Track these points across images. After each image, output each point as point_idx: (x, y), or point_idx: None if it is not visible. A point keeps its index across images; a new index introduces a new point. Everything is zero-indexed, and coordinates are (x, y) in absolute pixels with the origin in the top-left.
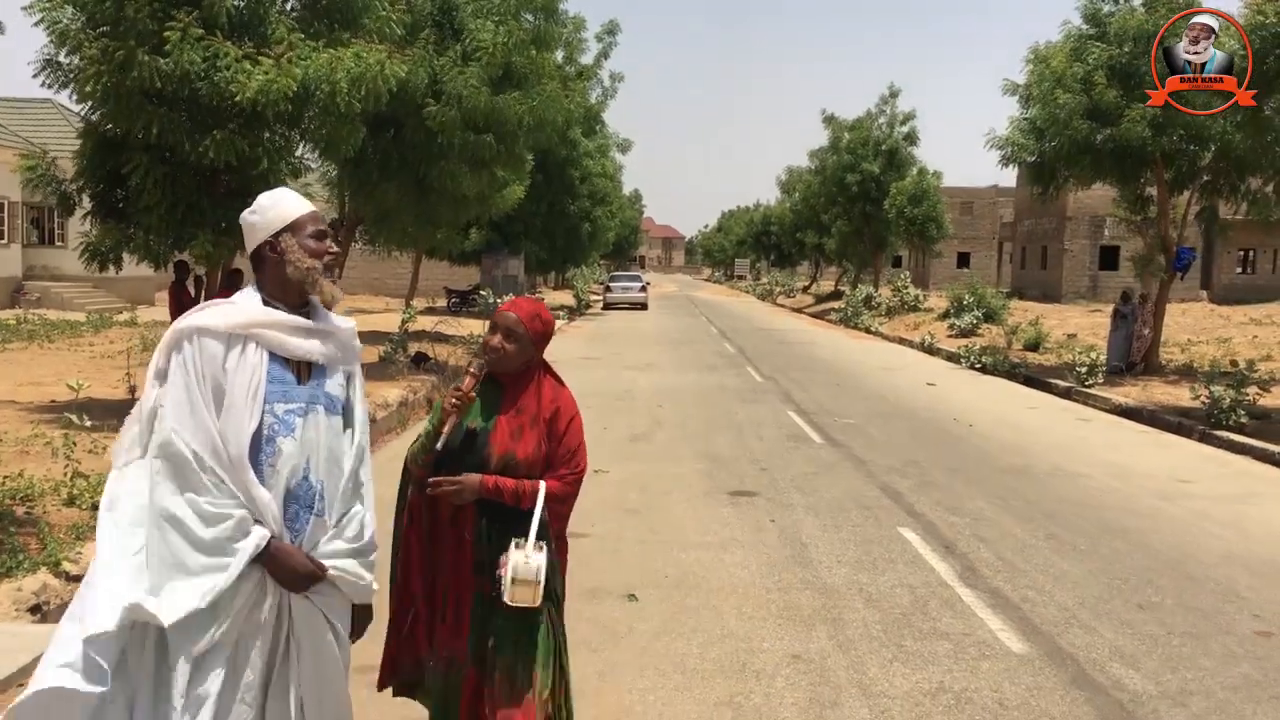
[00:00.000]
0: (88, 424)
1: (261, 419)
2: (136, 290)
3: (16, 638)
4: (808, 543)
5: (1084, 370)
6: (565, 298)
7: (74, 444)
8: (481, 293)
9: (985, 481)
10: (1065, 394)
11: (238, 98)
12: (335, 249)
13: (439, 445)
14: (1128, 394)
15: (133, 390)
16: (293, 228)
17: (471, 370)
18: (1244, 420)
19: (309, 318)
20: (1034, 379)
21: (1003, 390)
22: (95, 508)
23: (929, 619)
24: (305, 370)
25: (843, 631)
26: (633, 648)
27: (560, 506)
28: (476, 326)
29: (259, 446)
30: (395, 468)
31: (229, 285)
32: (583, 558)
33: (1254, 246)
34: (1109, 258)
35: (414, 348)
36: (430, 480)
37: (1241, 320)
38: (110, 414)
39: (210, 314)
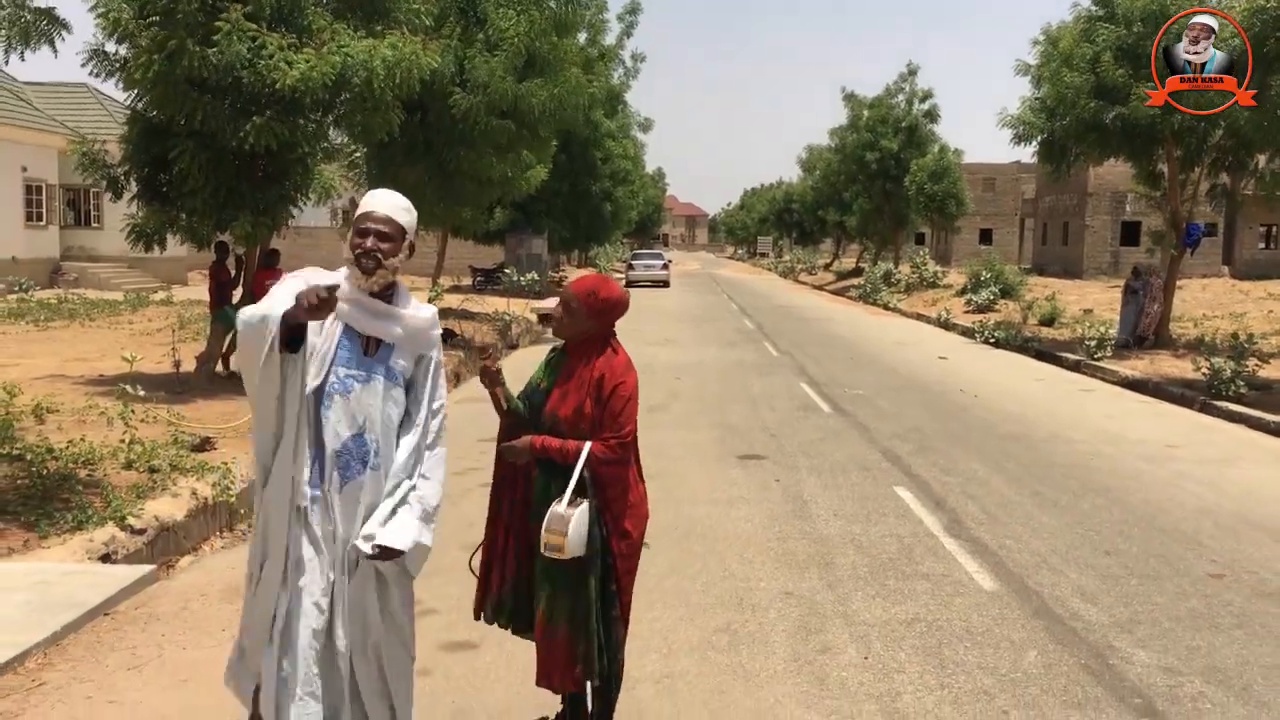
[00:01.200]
0: (141, 394)
1: (326, 377)
2: (171, 270)
3: (97, 575)
4: (808, 500)
5: (1093, 344)
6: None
7: (132, 412)
8: (506, 271)
9: (982, 447)
10: (1074, 367)
11: (278, 85)
12: (367, 244)
13: (504, 410)
14: (1134, 367)
15: (178, 365)
16: (356, 221)
17: (485, 348)
18: (1243, 391)
19: (390, 303)
20: (1045, 353)
21: (1013, 364)
22: (152, 470)
23: (912, 563)
24: (374, 345)
25: (832, 573)
26: (642, 587)
27: (605, 468)
28: (501, 304)
29: (321, 400)
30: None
31: (267, 264)
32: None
33: (1276, 222)
34: (1130, 234)
35: (441, 324)
36: (500, 446)
37: (1260, 295)
38: (158, 386)
39: (320, 274)
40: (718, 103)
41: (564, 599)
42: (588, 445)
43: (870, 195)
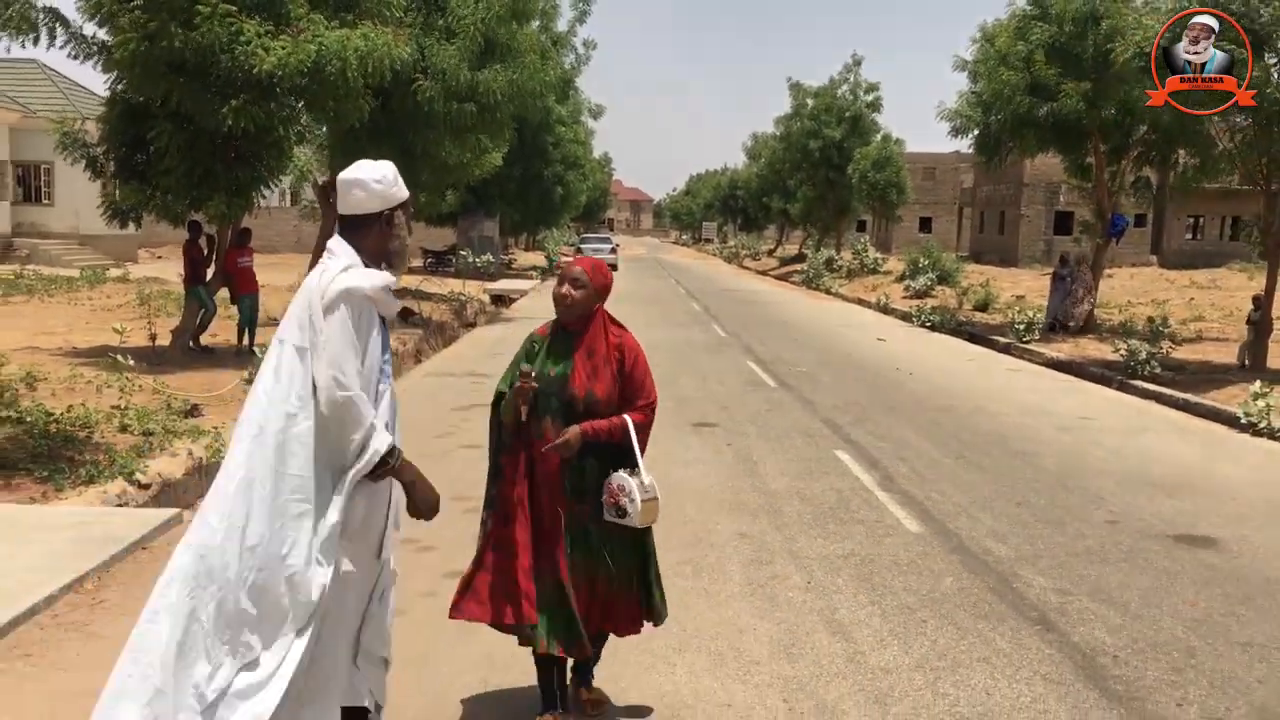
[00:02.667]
0: (131, 363)
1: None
2: (122, 248)
3: (128, 517)
4: (757, 460)
5: (1022, 328)
6: (537, 259)
7: (129, 379)
8: (462, 253)
9: (914, 417)
10: (1005, 349)
11: (255, 70)
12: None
13: (521, 418)
14: (1060, 349)
15: (154, 338)
16: (404, 206)
17: (526, 373)
18: (1158, 371)
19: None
20: (978, 336)
21: (947, 346)
22: (146, 433)
23: (849, 511)
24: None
25: (779, 519)
26: None
27: (643, 435)
28: (456, 285)
29: (371, 388)
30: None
31: (239, 243)
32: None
33: (1203, 213)
34: (1064, 223)
35: (401, 303)
36: (544, 449)
37: (1185, 284)
38: (136, 358)
39: (357, 277)
40: (664, 88)
41: (631, 559)
42: (629, 418)
43: (814, 183)
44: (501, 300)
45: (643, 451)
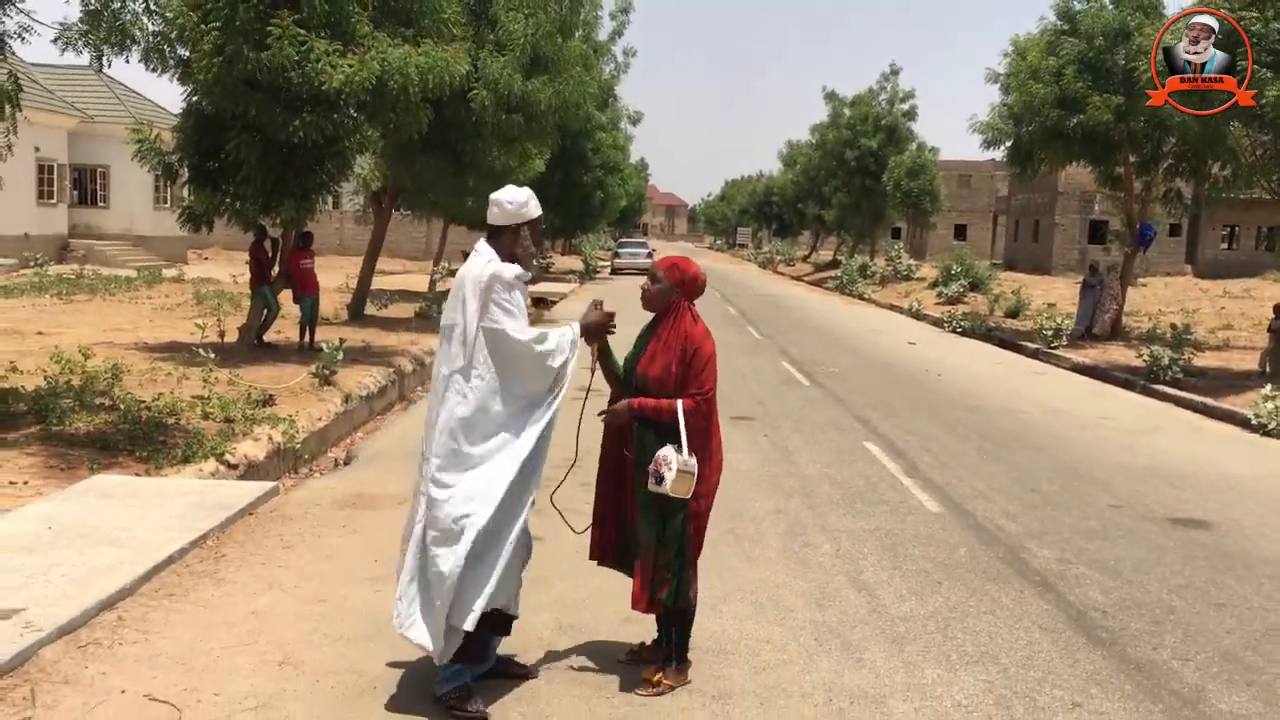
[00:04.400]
0: (212, 357)
1: None
2: (173, 249)
3: (234, 488)
4: (792, 450)
5: (1050, 334)
6: (574, 263)
7: (211, 370)
8: None
9: (941, 415)
10: (1033, 354)
11: (324, 87)
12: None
13: (615, 376)
14: (1087, 355)
15: (222, 335)
16: (532, 224)
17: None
18: (1180, 377)
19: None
20: (1007, 341)
21: (977, 350)
22: (228, 420)
23: (876, 494)
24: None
25: (812, 499)
26: None
27: (692, 420)
28: None
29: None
30: None
31: (301, 246)
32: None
33: (1237, 223)
34: (1098, 232)
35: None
36: (598, 414)
37: (1218, 294)
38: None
39: (498, 266)
40: (700, 93)
41: (664, 533)
42: (679, 402)
43: (849, 190)
44: (542, 303)
45: (699, 436)
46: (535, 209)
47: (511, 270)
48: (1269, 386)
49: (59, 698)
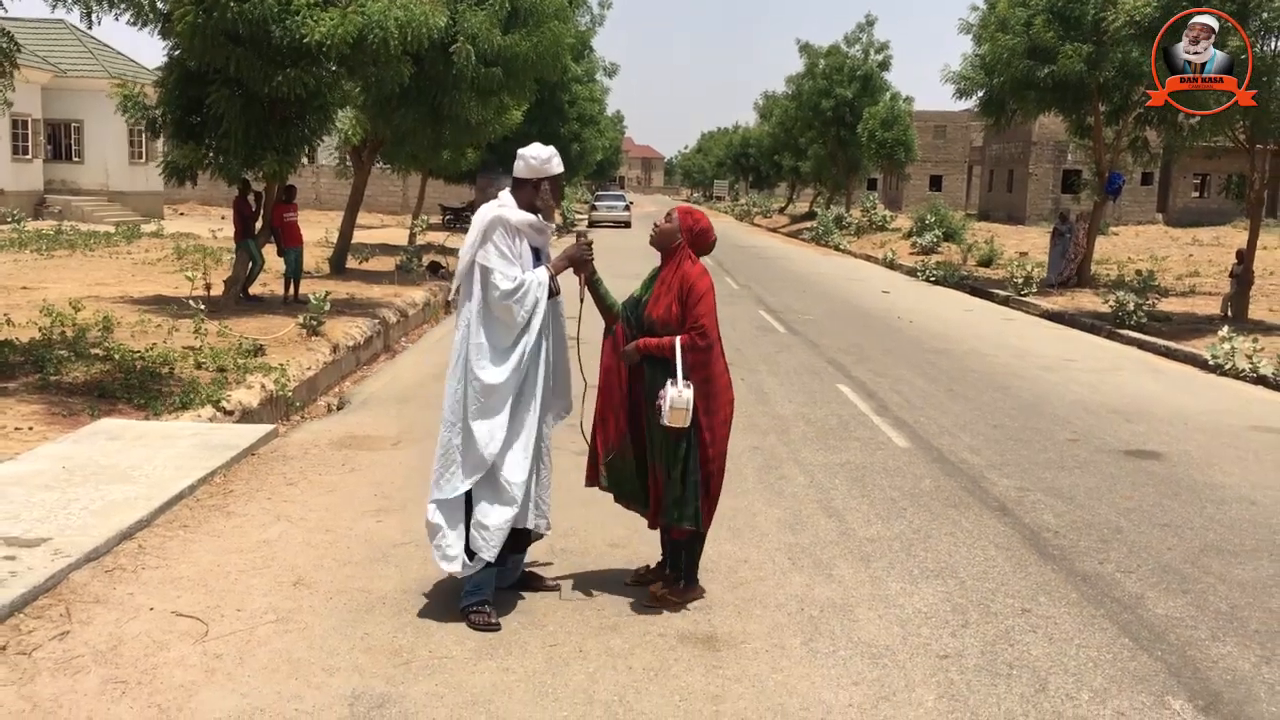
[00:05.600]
0: (203, 308)
1: None
2: (149, 204)
3: (235, 430)
4: (768, 392)
5: (1020, 281)
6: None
7: (200, 322)
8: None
9: (911, 358)
10: (1004, 301)
11: (306, 40)
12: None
13: (606, 307)
14: (1055, 301)
15: (208, 288)
16: (552, 180)
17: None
18: (1144, 321)
19: (539, 225)
20: (978, 289)
21: (949, 298)
22: (220, 370)
23: (848, 431)
24: (536, 253)
25: (787, 436)
26: None
27: (691, 355)
28: None
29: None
30: (436, 352)
31: (284, 199)
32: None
33: (1208, 172)
34: (1071, 181)
35: (427, 258)
36: (621, 352)
37: (1188, 241)
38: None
39: (507, 211)
40: (677, 45)
41: (669, 460)
42: (678, 338)
43: (825, 142)
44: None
45: (700, 369)
46: (557, 166)
47: (521, 216)
48: (1226, 328)
49: (92, 615)
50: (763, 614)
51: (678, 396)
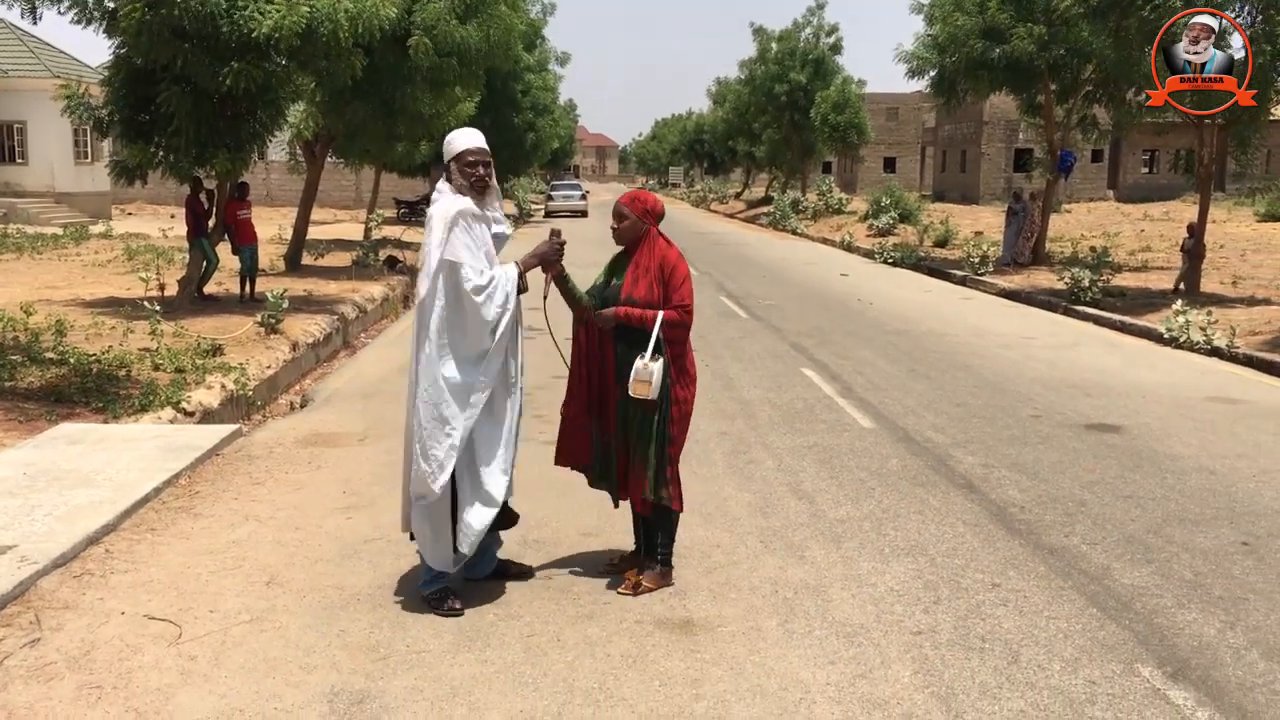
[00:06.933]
0: (158, 309)
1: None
2: (96, 205)
3: (198, 431)
4: (733, 377)
5: (976, 261)
6: (508, 207)
7: (159, 322)
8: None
9: (872, 340)
10: (961, 281)
11: (254, 34)
12: (480, 172)
13: (574, 300)
14: (1012, 280)
15: (162, 288)
16: (457, 158)
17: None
18: (1099, 297)
19: (481, 209)
20: (936, 270)
21: (907, 279)
22: (178, 370)
23: (813, 414)
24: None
25: (753, 420)
26: None
27: (672, 330)
28: None
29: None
30: (398, 346)
31: (238, 195)
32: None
33: (1157, 148)
34: (1023, 160)
35: (383, 253)
36: (587, 316)
37: (1139, 217)
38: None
39: (461, 201)
40: (627, 32)
41: (641, 436)
42: (661, 312)
43: (779, 126)
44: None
45: (677, 345)
46: (459, 144)
47: (467, 203)
48: (1179, 302)
49: (63, 621)
50: (737, 597)
51: (642, 368)
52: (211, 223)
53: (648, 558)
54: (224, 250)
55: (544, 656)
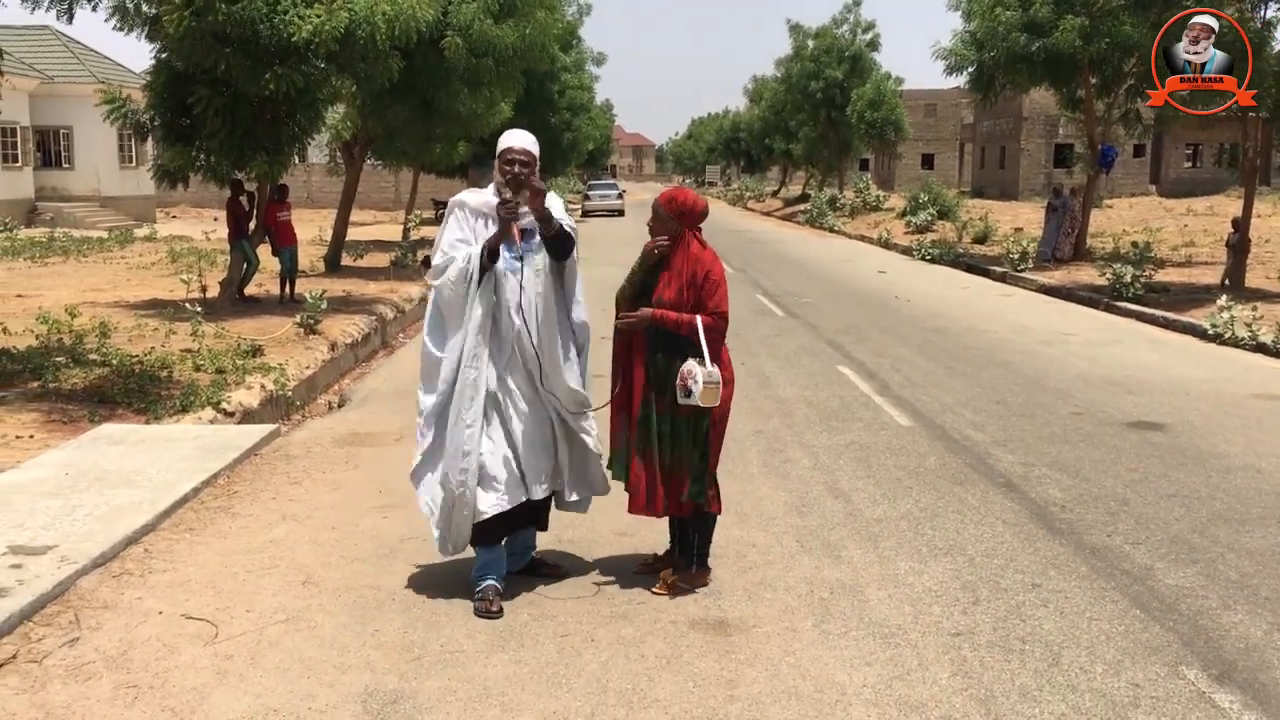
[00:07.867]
0: (200, 311)
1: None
2: (141, 209)
3: (237, 431)
4: (769, 375)
5: (1016, 257)
6: None
7: (200, 324)
8: None
9: (910, 337)
10: (1000, 278)
11: (293, 38)
12: (515, 170)
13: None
14: (1052, 276)
15: (204, 290)
16: (500, 155)
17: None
18: (1142, 293)
19: (511, 204)
20: (975, 266)
21: (945, 276)
22: (219, 371)
23: (850, 412)
24: (520, 235)
25: (790, 419)
26: None
27: (711, 335)
28: None
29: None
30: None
31: (278, 197)
32: (601, 392)
33: (1200, 142)
34: (1063, 156)
35: (422, 253)
36: (619, 321)
37: (1182, 212)
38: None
39: (470, 194)
40: (664, 32)
41: (685, 442)
42: (699, 318)
43: (815, 123)
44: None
45: (714, 351)
46: (503, 142)
47: (480, 199)
48: (1224, 297)
49: (102, 620)
50: (773, 597)
51: (710, 375)
52: (252, 225)
53: (683, 558)
54: (264, 252)
55: (578, 657)
